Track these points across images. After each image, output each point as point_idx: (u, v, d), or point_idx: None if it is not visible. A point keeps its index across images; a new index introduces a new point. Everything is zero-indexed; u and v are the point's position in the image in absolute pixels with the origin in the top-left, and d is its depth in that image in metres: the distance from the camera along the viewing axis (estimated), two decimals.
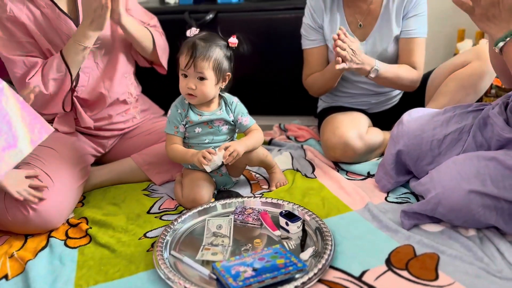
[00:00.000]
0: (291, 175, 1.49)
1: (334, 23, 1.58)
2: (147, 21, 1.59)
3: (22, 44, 1.34)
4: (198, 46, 1.24)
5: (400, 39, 1.55)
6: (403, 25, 1.53)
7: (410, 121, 1.29)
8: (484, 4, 1.00)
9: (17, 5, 1.32)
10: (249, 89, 1.94)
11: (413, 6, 1.51)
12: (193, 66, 1.24)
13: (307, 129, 1.89)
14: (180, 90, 1.30)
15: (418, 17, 1.52)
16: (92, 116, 1.50)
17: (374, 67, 1.45)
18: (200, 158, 1.23)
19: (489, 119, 1.15)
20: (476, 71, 1.43)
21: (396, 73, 1.49)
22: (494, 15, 1.00)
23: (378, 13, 1.55)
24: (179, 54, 1.28)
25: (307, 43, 1.63)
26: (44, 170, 1.29)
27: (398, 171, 1.31)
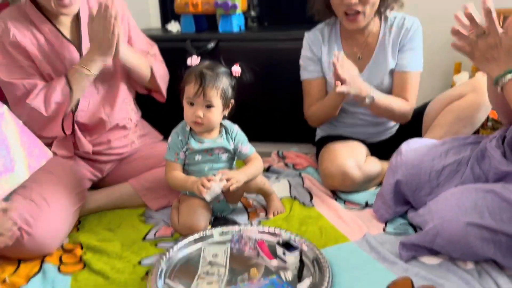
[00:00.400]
0: (288, 203, 1.49)
1: (332, 55, 1.61)
2: (148, 49, 1.61)
3: (24, 69, 1.35)
4: (206, 75, 1.26)
5: (395, 72, 1.58)
6: (398, 58, 1.56)
7: (409, 151, 1.29)
8: (482, 47, 1.02)
9: (21, 30, 1.35)
10: (248, 116, 1.95)
11: (408, 40, 1.55)
12: (203, 95, 1.26)
13: (305, 157, 1.89)
14: (186, 118, 1.31)
15: (413, 51, 1.55)
16: (91, 141, 1.50)
17: (370, 94, 1.46)
18: (199, 187, 1.23)
19: (486, 152, 1.16)
20: (472, 104, 1.45)
21: (389, 104, 1.51)
22: (493, 57, 1.02)
23: (375, 45, 1.58)
24: (185, 83, 1.29)
25: (306, 74, 1.66)
26: (40, 193, 1.28)
27: (396, 201, 1.31)
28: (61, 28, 1.40)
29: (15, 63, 1.34)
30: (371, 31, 1.58)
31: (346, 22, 1.49)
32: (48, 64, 1.38)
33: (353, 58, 1.59)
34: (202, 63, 1.32)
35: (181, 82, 1.32)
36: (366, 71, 1.59)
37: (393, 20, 1.57)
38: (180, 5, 2.09)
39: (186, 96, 1.29)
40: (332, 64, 1.43)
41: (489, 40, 1.01)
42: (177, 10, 2.11)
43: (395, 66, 1.57)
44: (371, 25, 1.57)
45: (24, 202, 1.24)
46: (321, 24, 1.66)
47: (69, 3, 1.32)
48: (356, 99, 1.47)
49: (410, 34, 1.54)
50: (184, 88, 1.30)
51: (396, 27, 1.56)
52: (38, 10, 1.37)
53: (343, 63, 1.42)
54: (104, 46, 1.32)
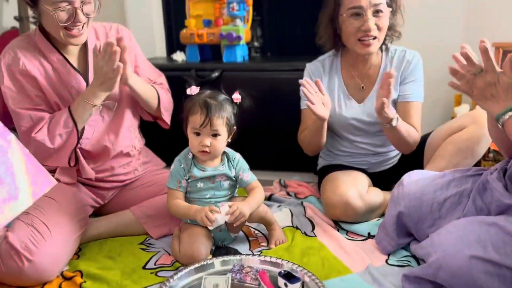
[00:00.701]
0: (290, 232, 1.48)
1: (332, 86, 1.64)
2: (155, 78, 1.64)
3: (31, 98, 1.38)
4: (211, 104, 1.28)
5: (398, 103, 1.60)
6: (401, 90, 1.59)
7: (411, 183, 1.30)
8: (481, 85, 1.03)
9: (30, 59, 1.38)
10: (250, 144, 1.96)
11: (410, 72, 1.58)
12: (209, 125, 1.28)
13: (307, 185, 1.89)
14: (192, 148, 1.33)
15: (415, 83, 1.58)
16: (94, 168, 1.51)
17: (396, 115, 1.46)
18: (203, 218, 1.23)
19: (488, 184, 1.16)
20: (473, 135, 1.46)
21: (407, 130, 1.51)
22: (492, 94, 1.03)
23: (376, 76, 1.61)
24: (189, 113, 1.31)
25: (304, 104, 1.68)
26: (42, 220, 1.28)
27: (399, 233, 1.31)
28: (69, 57, 1.43)
29: (23, 92, 1.37)
30: (373, 63, 1.62)
31: (361, 47, 1.52)
32: (55, 93, 1.41)
33: (355, 89, 1.63)
34: (203, 92, 1.34)
35: (183, 112, 1.34)
36: (369, 101, 1.61)
37: (394, 53, 1.61)
38: (186, 35, 2.14)
39: (192, 126, 1.31)
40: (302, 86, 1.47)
41: (487, 78, 1.02)
42: (183, 40, 2.16)
43: (398, 98, 1.60)
44: (374, 57, 1.61)
45: (25, 228, 1.24)
46: (322, 56, 1.71)
47: (78, 34, 1.35)
48: (384, 119, 1.45)
49: (411, 67, 1.58)
50: (188, 118, 1.32)
51: (397, 59, 1.60)
52: (47, 40, 1.41)
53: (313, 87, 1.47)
54: (107, 83, 1.35)
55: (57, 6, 1.28)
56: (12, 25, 2.49)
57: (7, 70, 1.37)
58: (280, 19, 2.47)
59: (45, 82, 1.39)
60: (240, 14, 2.05)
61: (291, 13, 2.45)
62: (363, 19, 1.47)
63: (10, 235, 1.22)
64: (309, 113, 1.68)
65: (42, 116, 1.38)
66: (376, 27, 1.48)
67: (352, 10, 1.48)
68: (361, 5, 1.46)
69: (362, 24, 1.47)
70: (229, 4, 2.03)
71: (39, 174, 0.89)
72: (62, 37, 1.35)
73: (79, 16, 1.31)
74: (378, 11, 1.48)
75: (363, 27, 1.47)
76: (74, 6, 1.30)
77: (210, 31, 2.09)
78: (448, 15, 2.14)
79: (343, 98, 1.64)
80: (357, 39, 1.50)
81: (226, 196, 1.38)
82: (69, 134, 1.36)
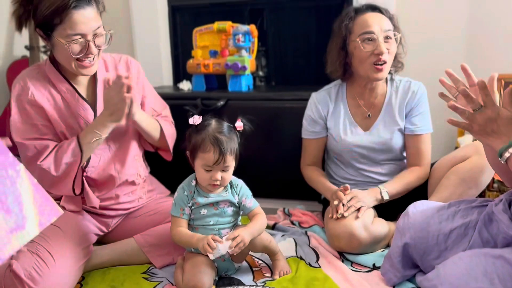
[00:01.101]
0: (294, 263, 1.47)
1: (338, 113, 1.67)
2: (160, 110, 1.67)
3: (38, 127, 1.40)
4: (223, 142, 1.28)
5: (406, 135, 1.64)
6: (408, 122, 1.63)
7: (416, 213, 1.29)
8: (481, 121, 1.02)
9: (39, 89, 1.41)
10: (254, 172, 1.97)
11: (415, 105, 1.62)
12: (222, 162, 1.29)
13: (311, 215, 1.88)
14: (202, 181, 1.33)
15: (422, 115, 1.63)
16: (99, 196, 1.52)
17: (381, 193, 1.55)
18: (205, 246, 1.23)
19: (494, 216, 1.15)
20: (476, 166, 1.46)
21: (405, 184, 1.59)
22: (493, 130, 1.02)
23: (382, 105, 1.65)
24: (201, 151, 1.29)
25: (306, 133, 1.74)
26: (47, 248, 1.28)
27: (404, 265, 1.29)
28: (78, 87, 1.46)
29: (30, 121, 1.39)
30: (379, 92, 1.66)
31: (375, 71, 1.56)
32: (62, 122, 1.43)
33: (361, 117, 1.66)
34: (208, 123, 1.34)
35: (188, 144, 1.33)
36: (374, 129, 1.64)
37: (398, 83, 1.66)
38: (192, 65, 2.18)
39: (204, 163, 1.30)
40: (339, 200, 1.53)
41: (487, 113, 1.02)
42: (189, 70, 2.21)
43: (405, 129, 1.64)
44: (380, 86, 1.65)
45: (30, 256, 1.24)
46: (328, 86, 1.75)
47: (89, 65, 1.39)
48: (377, 202, 1.55)
49: (417, 97, 1.62)
50: (198, 154, 1.30)
51: (402, 89, 1.64)
52: (57, 70, 1.44)
53: (349, 198, 1.52)
54: (116, 113, 1.37)
55: (70, 39, 1.32)
56: (23, 54, 2.55)
57: (16, 101, 1.40)
58: (284, 50, 2.53)
59: (53, 111, 1.41)
60: (246, 45, 2.09)
61: (294, 44, 2.50)
62: (375, 44, 1.52)
63: (14, 263, 1.22)
64: (313, 143, 1.72)
65: (47, 144, 1.39)
66: (387, 51, 1.53)
67: (364, 35, 1.53)
68: (372, 30, 1.52)
69: (375, 48, 1.52)
70: (234, 36, 2.08)
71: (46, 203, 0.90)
72: (73, 68, 1.38)
73: (91, 48, 1.35)
74: (388, 37, 1.54)
75: (376, 50, 1.52)
76: (87, 39, 1.34)
77: (216, 61, 2.14)
78: (449, 45, 2.18)
79: (349, 125, 1.66)
80: (371, 63, 1.54)
81: (230, 223, 1.38)
82: (75, 163, 1.38)
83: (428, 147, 1.63)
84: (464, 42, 2.17)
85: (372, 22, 1.53)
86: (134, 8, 2.47)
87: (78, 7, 1.30)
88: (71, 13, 1.29)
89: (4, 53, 2.54)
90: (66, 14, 1.29)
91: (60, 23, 1.30)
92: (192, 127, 1.34)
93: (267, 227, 1.73)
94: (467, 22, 2.16)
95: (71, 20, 1.30)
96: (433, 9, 2.17)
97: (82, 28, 1.32)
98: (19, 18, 1.38)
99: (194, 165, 1.35)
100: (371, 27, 1.53)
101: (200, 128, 1.33)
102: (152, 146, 1.66)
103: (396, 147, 1.64)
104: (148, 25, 2.47)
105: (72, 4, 1.29)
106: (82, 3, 1.31)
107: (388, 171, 1.68)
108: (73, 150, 1.38)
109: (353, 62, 1.60)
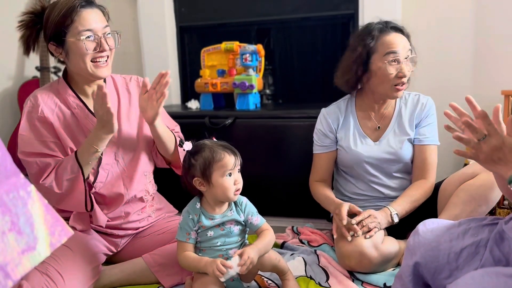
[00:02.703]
0: (304, 283, 1.45)
1: (347, 125, 1.68)
2: (171, 127, 1.68)
3: (46, 143, 1.42)
4: (227, 145, 1.34)
5: (415, 146, 1.65)
6: (417, 133, 1.64)
7: (426, 232, 1.28)
8: (486, 150, 1.02)
9: (49, 106, 1.44)
10: (263, 190, 1.97)
11: (424, 116, 1.64)
12: (239, 161, 1.33)
13: (321, 233, 1.87)
14: (228, 191, 1.31)
15: (430, 126, 1.65)
16: (108, 214, 1.52)
17: (392, 215, 1.54)
18: (215, 271, 1.22)
19: (505, 234, 1.14)
20: (485, 183, 1.46)
21: (412, 202, 1.58)
22: (499, 158, 1.01)
23: (391, 116, 1.66)
24: (215, 161, 1.29)
25: (317, 148, 1.74)
26: (57, 268, 1.29)
27: (415, 284, 1.27)
28: (88, 103, 1.49)
29: (39, 138, 1.41)
30: (389, 104, 1.67)
31: (395, 91, 1.58)
32: (70, 138, 1.45)
33: (371, 129, 1.68)
34: (202, 142, 1.35)
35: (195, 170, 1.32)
36: (384, 139, 1.65)
37: (407, 96, 1.69)
38: (200, 85, 2.21)
39: (224, 170, 1.30)
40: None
41: (492, 142, 1.01)
42: (197, 89, 2.23)
43: (414, 140, 1.64)
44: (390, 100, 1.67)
45: (40, 277, 1.25)
46: (337, 101, 1.76)
47: (103, 65, 1.43)
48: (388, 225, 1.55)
49: (426, 109, 1.64)
50: (213, 167, 1.30)
51: (411, 101, 1.67)
52: (68, 85, 1.47)
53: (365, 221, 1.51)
54: (106, 126, 1.38)
55: (83, 36, 1.38)
56: (33, 75, 2.60)
57: (27, 117, 1.43)
58: (291, 68, 2.55)
59: (63, 128, 1.44)
60: (253, 64, 2.12)
61: (301, 62, 2.53)
62: (399, 66, 1.54)
63: (25, 283, 1.22)
64: (323, 158, 1.72)
65: (49, 162, 1.40)
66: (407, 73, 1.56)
67: (389, 56, 1.54)
68: (397, 51, 1.54)
69: (399, 71, 1.54)
70: (242, 55, 2.11)
71: (57, 224, 0.91)
72: (89, 70, 1.42)
73: (103, 45, 1.41)
74: (410, 58, 1.56)
75: (400, 73, 1.54)
76: (99, 36, 1.40)
77: (224, 80, 2.16)
78: (457, 61, 2.19)
79: (359, 137, 1.67)
80: (393, 84, 1.56)
81: (237, 243, 1.37)
82: (76, 179, 1.39)
83: (434, 160, 1.63)
84: (470, 58, 2.18)
85: (398, 43, 1.55)
86: (143, 29, 2.52)
87: (86, 6, 1.39)
88: (80, 11, 1.38)
89: (16, 74, 2.59)
90: (75, 13, 1.37)
91: (72, 22, 1.38)
92: (188, 155, 1.34)
93: (275, 246, 1.72)
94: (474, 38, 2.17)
95: (81, 17, 1.38)
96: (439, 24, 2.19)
97: (92, 24, 1.39)
98: (26, 41, 1.45)
99: (211, 183, 1.31)
100: (397, 47, 1.54)
101: (198, 149, 1.33)
102: (165, 160, 1.65)
103: (406, 157, 1.65)
104: (157, 46, 2.52)
105: (80, 4, 1.38)
106: (88, 4, 1.40)
107: (398, 186, 1.67)
108: (72, 166, 1.38)
109: (373, 81, 1.61)
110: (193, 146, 1.35)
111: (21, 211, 0.84)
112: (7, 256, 0.76)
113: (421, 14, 2.22)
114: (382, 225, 1.51)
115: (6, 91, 2.55)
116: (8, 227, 0.79)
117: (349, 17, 2.32)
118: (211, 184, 1.31)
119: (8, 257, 0.76)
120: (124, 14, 2.62)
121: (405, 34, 1.59)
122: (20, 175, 0.85)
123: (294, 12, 2.38)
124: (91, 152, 1.39)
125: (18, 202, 0.84)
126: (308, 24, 2.45)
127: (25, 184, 0.88)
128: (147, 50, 2.53)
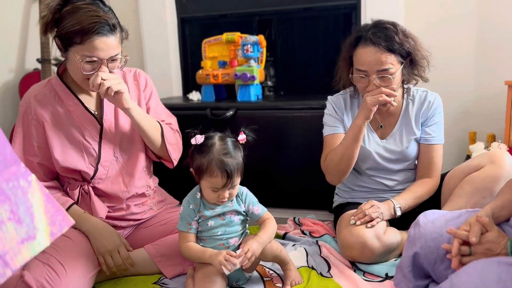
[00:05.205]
0: (306, 273, 1.45)
1: (352, 118, 1.65)
2: (166, 119, 1.65)
3: (34, 147, 1.43)
4: (229, 164, 1.26)
5: (420, 144, 1.63)
6: (423, 131, 1.62)
7: (427, 223, 1.27)
8: (478, 255, 1.10)
9: (43, 106, 1.44)
10: (265, 182, 1.97)
11: (431, 115, 1.61)
12: (231, 184, 1.28)
13: (322, 224, 1.87)
14: (210, 200, 1.33)
15: (437, 125, 1.62)
16: (110, 206, 1.52)
17: (395, 208, 1.53)
18: (223, 262, 1.23)
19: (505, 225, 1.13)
20: (491, 175, 1.44)
21: (416, 198, 1.57)
22: (489, 248, 1.10)
23: (398, 114, 1.63)
24: (207, 175, 1.28)
25: (328, 129, 1.67)
26: (58, 258, 1.29)
27: (416, 275, 1.27)
28: (85, 101, 1.48)
29: (29, 140, 1.43)
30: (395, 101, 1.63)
31: None
32: (63, 133, 1.44)
33: (375, 127, 1.65)
34: (212, 144, 1.30)
35: (192, 163, 1.31)
36: (391, 138, 1.63)
37: (415, 93, 1.64)
38: (202, 76, 2.20)
39: (211, 186, 1.28)
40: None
41: (477, 251, 1.11)
42: (199, 81, 2.23)
43: (420, 139, 1.62)
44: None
45: (41, 267, 1.25)
46: (343, 91, 1.71)
47: None
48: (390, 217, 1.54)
49: (433, 107, 1.60)
50: (204, 176, 1.29)
51: (418, 99, 1.63)
52: (64, 83, 1.46)
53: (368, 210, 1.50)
54: None
55: (85, 60, 1.33)
56: (34, 67, 2.59)
57: (22, 117, 1.44)
58: (293, 59, 2.54)
59: (54, 125, 1.44)
60: (254, 55, 2.11)
61: (303, 54, 2.52)
62: (368, 80, 1.50)
63: (26, 273, 1.23)
64: (336, 138, 1.63)
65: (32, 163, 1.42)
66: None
67: (358, 72, 1.51)
68: (365, 70, 1.49)
69: (367, 85, 1.51)
70: (243, 46, 2.10)
71: (58, 214, 0.91)
72: (81, 84, 1.40)
73: (102, 69, 1.36)
74: (383, 77, 1.47)
75: (368, 88, 1.50)
76: (101, 60, 1.35)
77: (225, 71, 2.15)
78: (459, 55, 2.17)
79: (366, 131, 1.63)
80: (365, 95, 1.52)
81: (238, 232, 1.37)
82: None
83: (439, 158, 1.62)
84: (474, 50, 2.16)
85: (366, 60, 1.46)
86: (144, 21, 2.51)
87: (102, 34, 1.31)
88: (93, 38, 1.30)
89: (16, 66, 2.59)
90: (88, 37, 1.30)
91: (80, 43, 1.31)
92: (195, 147, 1.32)
93: (277, 237, 1.73)
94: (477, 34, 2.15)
95: (91, 44, 1.31)
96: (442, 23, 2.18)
97: (100, 54, 1.33)
98: (45, 24, 1.36)
99: (199, 183, 1.33)
100: (362, 66, 1.49)
101: (204, 149, 1.30)
102: (154, 154, 1.62)
103: (412, 156, 1.63)
104: (157, 37, 2.51)
105: (97, 30, 1.30)
106: (107, 30, 1.32)
107: (403, 179, 1.66)
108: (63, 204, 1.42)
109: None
110: (203, 140, 1.30)
111: (21, 200, 0.84)
112: (6, 245, 0.76)
113: (424, 4, 2.21)
114: (385, 216, 1.51)
115: (8, 83, 2.55)
116: (8, 216, 0.79)
117: (352, 8, 2.30)
118: (200, 184, 1.33)
119: (7, 246, 0.76)
120: (125, 5, 2.60)
121: (390, 46, 1.45)
122: (21, 164, 0.85)
123: (296, 3, 2.36)
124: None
125: (18, 191, 0.84)
126: (310, 14, 2.43)
127: (26, 173, 0.88)
128: (148, 42, 2.52)
